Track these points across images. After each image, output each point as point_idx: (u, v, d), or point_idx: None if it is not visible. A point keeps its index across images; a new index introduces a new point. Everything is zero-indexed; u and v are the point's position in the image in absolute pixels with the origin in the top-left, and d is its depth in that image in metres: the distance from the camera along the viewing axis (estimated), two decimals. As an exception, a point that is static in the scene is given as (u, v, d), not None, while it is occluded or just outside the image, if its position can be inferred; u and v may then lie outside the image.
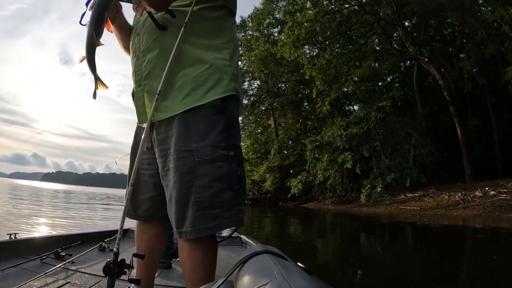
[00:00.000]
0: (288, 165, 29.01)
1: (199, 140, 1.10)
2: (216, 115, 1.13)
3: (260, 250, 0.83)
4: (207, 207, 1.08)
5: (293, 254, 5.25)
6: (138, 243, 1.41)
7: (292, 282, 0.56)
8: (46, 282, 1.87)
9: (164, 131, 1.18)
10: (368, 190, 17.72)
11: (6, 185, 42.36)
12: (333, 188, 22.40)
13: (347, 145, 19.11)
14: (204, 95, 1.13)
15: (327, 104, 23.62)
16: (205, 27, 1.21)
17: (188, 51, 1.17)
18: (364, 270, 4.43)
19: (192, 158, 1.10)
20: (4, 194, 19.67)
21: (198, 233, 1.08)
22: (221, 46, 1.22)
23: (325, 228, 11.10)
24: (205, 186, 1.08)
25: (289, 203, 26.13)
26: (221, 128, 1.13)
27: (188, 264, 1.14)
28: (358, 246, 6.99)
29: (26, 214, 9.29)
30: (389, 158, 18.10)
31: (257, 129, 35.61)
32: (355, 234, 9.38)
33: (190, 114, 1.13)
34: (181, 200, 1.10)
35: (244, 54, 30.50)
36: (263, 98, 31.71)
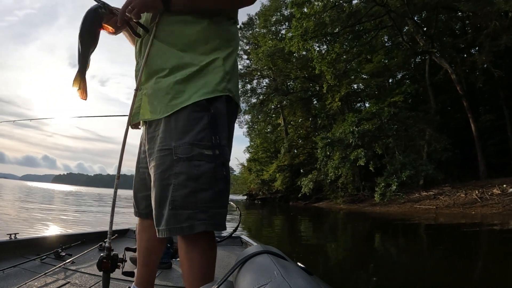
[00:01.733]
0: (298, 164, 28.89)
1: (178, 138, 1.10)
2: (199, 113, 1.12)
3: (260, 250, 0.84)
4: (180, 206, 1.07)
5: (303, 256, 5.14)
6: (138, 242, 1.43)
7: (292, 282, 0.56)
8: (46, 282, 1.88)
9: (152, 131, 1.21)
10: (382, 189, 17.27)
11: (18, 187, 43.19)
12: (344, 187, 22.16)
13: (360, 142, 18.80)
14: (190, 97, 1.13)
15: (338, 100, 23.40)
16: (196, 31, 1.20)
17: (177, 55, 1.18)
18: (376, 273, 4.31)
19: (170, 156, 1.10)
20: (17, 195, 19.97)
21: (170, 232, 1.08)
22: (213, 48, 1.21)
23: (336, 228, 10.89)
24: (180, 185, 1.07)
25: (299, 202, 26.02)
26: (202, 126, 1.11)
27: (186, 265, 1.13)
28: (371, 247, 6.80)
29: (39, 215, 9.34)
30: (403, 155, 17.78)
31: (266, 128, 35.57)
32: (367, 235, 9.15)
33: (173, 115, 1.14)
34: (159, 198, 1.11)
35: (252, 52, 30.46)
36: (272, 97, 31.61)
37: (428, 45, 18.69)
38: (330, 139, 20.20)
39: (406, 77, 23.14)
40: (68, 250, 2.54)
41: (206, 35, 1.20)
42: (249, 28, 35.90)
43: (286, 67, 29.63)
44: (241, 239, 3.70)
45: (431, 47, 18.60)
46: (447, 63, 18.10)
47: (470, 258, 5.30)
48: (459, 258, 5.22)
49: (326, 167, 20.93)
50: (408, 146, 18.60)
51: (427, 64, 19.63)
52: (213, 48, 1.20)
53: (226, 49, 1.24)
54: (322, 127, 26.88)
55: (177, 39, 1.19)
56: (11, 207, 11.85)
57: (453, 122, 19.66)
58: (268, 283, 0.59)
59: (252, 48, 32.12)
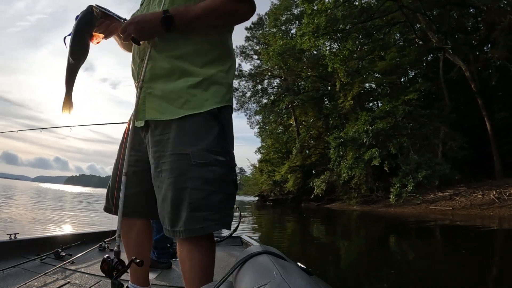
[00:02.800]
0: (310, 165, 28.79)
1: (194, 144, 1.18)
2: (211, 122, 1.21)
3: (260, 250, 0.85)
4: (197, 208, 1.15)
5: (314, 259, 5.12)
6: (126, 242, 1.45)
7: (291, 283, 0.57)
8: (46, 282, 1.90)
9: (160, 134, 1.24)
10: (398, 189, 17.02)
11: (31, 189, 44.06)
12: (358, 188, 21.94)
13: (374, 141, 18.57)
14: (203, 104, 1.21)
15: (350, 99, 23.23)
16: (205, 41, 1.27)
17: (190, 61, 1.24)
18: (387, 277, 4.20)
19: (186, 161, 1.17)
20: (30, 196, 20.36)
21: (188, 233, 1.15)
22: (219, 59, 1.29)
23: (349, 230, 10.72)
24: (197, 189, 1.15)
25: (311, 204, 25.94)
26: (215, 134, 1.20)
27: (187, 265, 1.20)
28: (384, 249, 6.63)
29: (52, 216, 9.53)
30: (418, 154, 17.52)
31: (278, 128, 35.54)
32: (381, 237, 8.96)
33: (187, 120, 1.20)
34: (175, 201, 1.17)
35: (262, 51, 30.46)
36: (283, 97, 31.60)
37: (442, 41, 18.40)
38: (343, 139, 20.01)
39: (418, 75, 22.80)
40: (68, 250, 2.57)
41: (210, 44, 1.28)
42: (259, 28, 35.97)
43: (297, 66, 29.57)
44: (241, 239, 3.72)
45: (445, 43, 18.30)
46: (461, 60, 17.82)
47: (488, 262, 5.14)
48: (477, 262, 5.07)
49: (339, 167, 20.76)
50: (423, 145, 18.33)
51: (441, 61, 19.33)
52: (216, 59, 1.28)
53: (228, 61, 1.33)
54: (334, 127, 26.73)
55: (182, 47, 1.25)
56: (24, 207, 12.12)
57: (467, 120, 19.30)
58: (267, 283, 0.59)
59: (263, 47, 32.10)
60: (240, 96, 36.96)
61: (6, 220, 7.92)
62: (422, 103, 19.29)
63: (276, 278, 0.60)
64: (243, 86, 36.77)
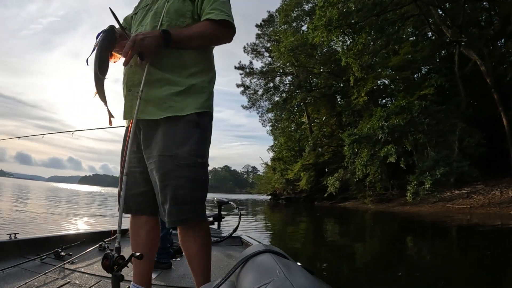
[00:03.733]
0: (323, 163, 28.67)
1: (178, 147, 1.38)
2: (193, 128, 1.41)
3: (262, 249, 0.87)
4: (181, 202, 1.36)
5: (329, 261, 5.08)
6: (135, 239, 1.58)
7: (294, 281, 0.58)
8: (46, 282, 1.92)
9: (148, 137, 1.46)
10: (415, 187, 16.75)
11: (45, 188, 45.00)
12: (372, 186, 21.77)
13: (389, 138, 18.32)
14: (183, 108, 1.41)
15: (364, 95, 23.01)
16: (190, 57, 1.47)
17: (176, 72, 1.44)
18: (400, 279, 4.16)
19: (171, 161, 1.37)
20: (45, 196, 20.77)
21: (175, 223, 1.40)
22: (202, 71, 1.50)
23: (363, 230, 10.68)
24: (181, 186, 1.36)
25: (324, 202, 25.89)
26: (196, 139, 1.41)
27: (194, 247, 1.45)
28: (400, 251, 6.51)
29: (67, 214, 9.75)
30: (434, 151, 17.23)
31: (290, 126, 35.46)
32: (397, 236, 8.93)
33: (171, 125, 1.41)
34: (163, 196, 1.39)
35: (274, 47, 30.39)
36: (296, 94, 31.52)
37: (457, 35, 18.06)
38: (358, 136, 19.82)
39: (432, 71, 22.40)
40: (68, 250, 2.61)
41: (195, 60, 1.48)
42: (269, 25, 35.95)
43: (309, 62, 29.42)
44: (241, 239, 3.75)
45: (460, 36, 17.96)
46: (476, 54, 17.45)
47: (508, 264, 4.99)
48: (498, 264, 4.92)
49: (353, 165, 20.61)
50: (439, 142, 18.04)
51: (456, 55, 18.95)
52: (200, 71, 1.49)
53: (209, 73, 1.54)
54: (347, 124, 26.55)
55: (170, 61, 1.45)
56: (41, 206, 12.42)
57: (482, 116, 18.82)
58: (270, 282, 0.60)
59: (274, 44, 32.02)
60: (251, 94, 37.08)
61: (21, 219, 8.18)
62: (436, 99, 18.93)
63: (279, 277, 0.61)
64: (255, 84, 36.91)
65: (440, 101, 18.77)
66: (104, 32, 1.42)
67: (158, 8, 1.51)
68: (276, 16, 34.45)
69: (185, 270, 2.53)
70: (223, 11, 1.42)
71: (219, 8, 1.42)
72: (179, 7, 1.47)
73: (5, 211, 10.06)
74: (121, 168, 1.47)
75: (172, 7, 1.47)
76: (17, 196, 19.39)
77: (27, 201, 15.84)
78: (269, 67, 35.77)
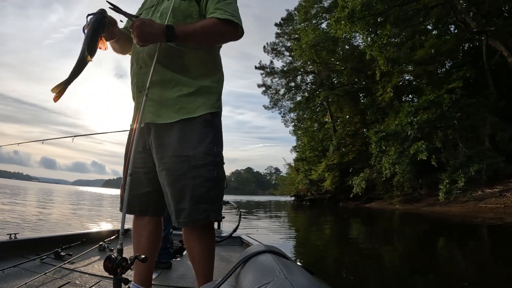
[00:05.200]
0: (347, 163, 28.44)
1: (194, 148, 1.43)
2: (207, 127, 1.47)
3: (262, 249, 0.89)
4: (199, 202, 1.41)
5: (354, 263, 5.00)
6: (137, 240, 1.61)
7: (294, 281, 0.58)
8: (46, 282, 1.95)
9: (160, 137, 1.48)
10: (447, 186, 16.37)
11: (71, 191, 46.41)
12: (400, 185, 21.41)
13: (419, 134, 17.93)
14: (196, 110, 1.46)
15: (389, 90, 22.65)
16: (199, 57, 1.53)
17: (185, 73, 1.50)
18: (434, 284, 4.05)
19: (188, 162, 1.41)
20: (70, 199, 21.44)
21: (192, 222, 1.43)
22: (211, 72, 1.57)
23: (391, 232, 10.31)
24: (198, 185, 1.41)
25: (349, 203, 25.76)
26: (210, 138, 1.47)
27: (197, 248, 1.48)
28: (430, 254, 6.19)
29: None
30: (465, 146, 16.74)
31: (313, 126, 35.32)
32: (426, 239, 8.51)
33: (186, 126, 1.45)
34: (179, 196, 1.42)
35: (295, 45, 30.35)
36: (318, 93, 31.42)
37: (482, 25, 17.54)
38: (385, 133, 19.54)
39: (456, 64, 21.75)
40: (68, 250, 2.64)
41: (203, 60, 1.54)
42: (289, 24, 36.05)
43: (331, 58, 29.26)
44: (241, 239, 3.79)
45: (486, 26, 17.42)
46: (502, 45, 16.92)
47: None
48: None
49: (380, 163, 20.33)
50: (469, 137, 17.56)
51: (484, 46, 18.36)
52: (208, 72, 1.55)
53: (217, 73, 1.60)
54: (372, 122, 26.20)
55: (180, 62, 1.50)
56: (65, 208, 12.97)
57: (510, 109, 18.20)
58: (270, 282, 0.60)
59: (294, 42, 31.98)
60: (273, 94, 37.21)
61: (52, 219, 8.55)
62: (464, 93, 18.36)
63: (279, 277, 0.62)
64: (276, 83, 37.05)
65: (468, 94, 18.34)
66: (96, 14, 1.39)
67: (164, 8, 1.54)
68: (295, 14, 34.54)
69: (185, 270, 2.61)
70: (227, 11, 1.43)
71: (223, 8, 1.44)
72: (185, 7, 1.51)
73: (35, 213, 10.60)
74: (125, 169, 1.52)
75: (178, 7, 1.50)
76: (46, 199, 20.27)
77: (53, 204, 16.59)
78: (290, 66, 35.77)
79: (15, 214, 9.70)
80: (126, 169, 1.48)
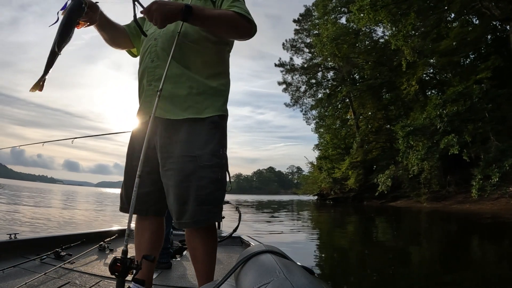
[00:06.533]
0: (371, 160, 28.11)
1: (201, 148, 1.45)
2: (214, 129, 1.49)
3: (262, 249, 0.89)
4: (203, 203, 1.42)
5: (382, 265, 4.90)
6: (139, 240, 1.63)
7: (294, 281, 0.59)
8: (46, 282, 1.97)
9: (168, 135, 1.50)
10: (480, 182, 15.77)
11: (96, 193, 47.19)
12: (428, 183, 20.97)
13: (449, 127, 17.37)
14: (204, 110, 1.50)
15: (415, 83, 22.22)
16: (211, 56, 1.56)
17: (197, 71, 1.52)
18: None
19: (194, 162, 1.43)
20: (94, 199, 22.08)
21: (195, 224, 1.44)
22: (220, 74, 1.60)
23: (419, 232, 9.94)
24: (203, 186, 1.42)
25: (374, 202, 25.46)
26: (217, 140, 1.50)
27: (201, 250, 1.50)
28: (463, 256, 5.91)
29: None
30: (497, 139, 16.22)
31: (335, 123, 35.08)
32: (459, 240, 8.11)
33: (194, 126, 1.48)
34: (183, 197, 1.43)
35: (315, 39, 30.20)
36: (340, 89, 31.21)
37: (510, 11, 16.88)
38: (413, 127, 19.05)
39: (481, 54, 21.06)
40: (68, 250, 2.66)
41: (214, 61, 1.58)
42: (307, 20, 36.03)
43: (353, 51, 28.97)
44: (241, 239, 3.83)
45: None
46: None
47: None
48: None
49: (407, 159, 19.90)
50: (500, 130, 17.01)
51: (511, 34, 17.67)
52: (218, 73, 1.59)
53: (226, 77, 1.64)
54: (396, 117, 25.76)
55: (192, 58, 1.52)
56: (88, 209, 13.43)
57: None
58: (270, 282, 0.61)
59: (314, 36, 31.82)
60: (294, 91, 37.19)
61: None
62: (493, 83, 17.78)
63: (279, 277, 0.62)
64: (297, 80, 37.05)
65: (496, 85, 17.75)
66: (72, 2, 1.36)
67: None
68: (313, 9, 34.43)
69: (185, 270, 2.66)
70: (242, 8, 1.47)
71: (238, 6, 1.48)
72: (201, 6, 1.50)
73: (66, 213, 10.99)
74: (127, 168, 1.61)
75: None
76: (70, 200, 20.96)
77: (77, 204, 17.19)
78: (310, 62, 35.67)
79: (44, 215, 10.19)
80: (130, 168, 1.59)
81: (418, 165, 19.26)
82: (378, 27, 23.39)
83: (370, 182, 25.41)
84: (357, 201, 28.41)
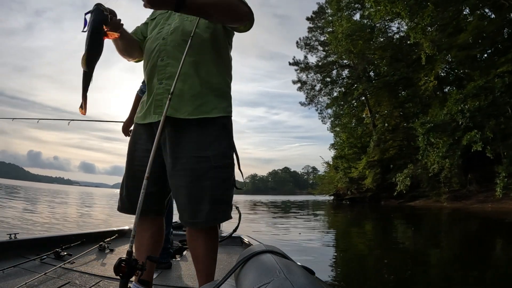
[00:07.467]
0: (388, 159, 27.76)
1: (214, 149, 1.47)
2: (223, 130, 1.53)
3: (262, 249, 0.90)
4: (218, 202, 1.46)
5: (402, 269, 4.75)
6: (140, 240, 1.63)
7: (294, 281, 0.59)
8: (46, 282, 1.98)
9: (177, 135, 1.50)
10: (505, 180, 15.45)
11: (110, 194, 47.92)
12: (448, 181, 20.59)
13: (471, 123, 16.94)
14: (211, 110, 1.50)
15: (433, 79, 21.80)
16: (217, 52, 1.58)
17: (205, 68, 1.53)
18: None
19: (207, 163, 1.45)
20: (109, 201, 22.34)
21: (209, 223, 1.47)
22: (226, 72, 1.62)
23: (440, 233, 9.58)
24: (217, 186, 1.46)
25: (392, 201, 25.17)
26: (227, 141, 1.54)
27: (202, 249, 1.52)
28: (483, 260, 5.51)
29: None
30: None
31: (351, 121, 34.81)
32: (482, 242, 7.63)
33: (204, 126, 1.49)
34: (197, 197, 1.45)
35: (330, 35, 30.03)
36: (356, 86, 30.95)
37: None
38: (433, 123, 18.64)
39: (498, 48, 20.46)
40: (68, 250, 2.67)
41: (221, 58, 1.60)
42: (320, 17, 35.85)
43: (369, 48, 28.66)
44: (241, 239, 3.85)
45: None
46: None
47: None
48: None
49: (428, 157, 19.55)
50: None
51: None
52: (224, 71, 1.60)
53: (230, 80, 1.65)
54: (413, 114, 25.33)
55: (201, 55, 1.52)
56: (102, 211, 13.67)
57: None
58: (270, 282, 0.61)
59: (329, 33, 31.61)
60: (309, 90, 37.08)
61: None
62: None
63: (279, 276, 0.63)
64: (311, 79, 36.96)
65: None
66: (93, 12, 1.29)
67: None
68: (326, 7, 34.23)
69: (185, 270, 2.67)
70: None
71: None
72: None
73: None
74: (128, 167, 1.62)
75: None
76: (87, 200, 21.29)
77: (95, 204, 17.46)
78: (325, 60, 35.45)
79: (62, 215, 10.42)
80: (131, 168, 1.60)
81: (438, 163, 18.92)
82: (393, 23, 23.02)
83: (388, 182, 25.14)
84: (374, 201, 28.14)
